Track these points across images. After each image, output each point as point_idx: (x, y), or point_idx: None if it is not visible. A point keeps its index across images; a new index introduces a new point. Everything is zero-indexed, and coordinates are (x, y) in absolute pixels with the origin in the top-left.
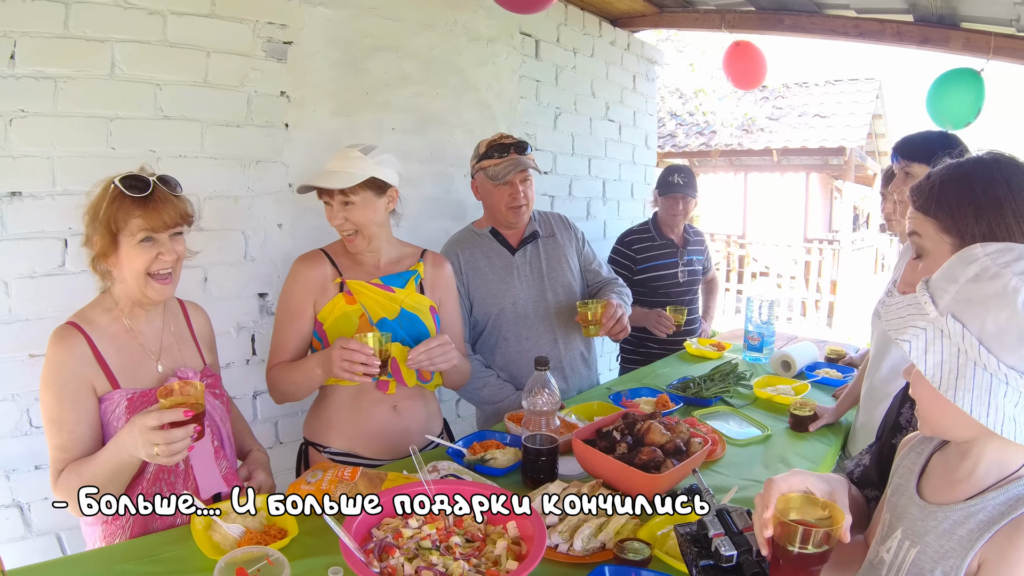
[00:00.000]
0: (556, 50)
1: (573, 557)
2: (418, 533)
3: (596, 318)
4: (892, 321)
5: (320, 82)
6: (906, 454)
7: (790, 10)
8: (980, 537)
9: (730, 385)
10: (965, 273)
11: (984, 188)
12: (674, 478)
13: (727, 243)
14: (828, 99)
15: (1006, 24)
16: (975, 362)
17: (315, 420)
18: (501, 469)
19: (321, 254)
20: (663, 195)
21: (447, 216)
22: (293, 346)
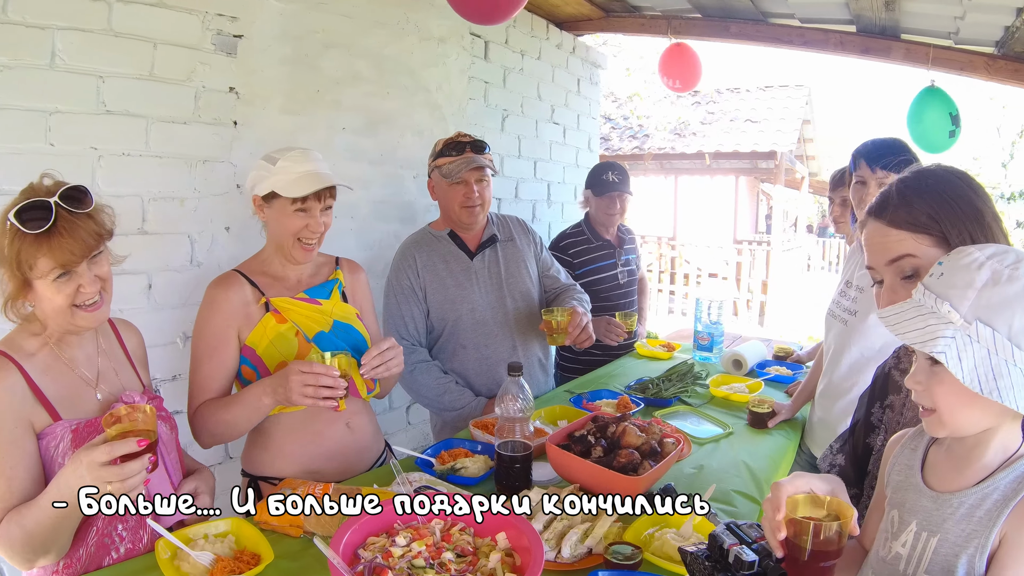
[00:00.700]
0: (505, 52)
1: (562, 565)
2: (408, 551)
3: (562, 327)
4: (912, 333)
5: (271, 78)
6: (900, 452)
7: (736, 18)
8: (1000, 515)
9: (688, 385)
10: (978, 278)
11: (958, 198)
12: (652, 479)
13: (659, 245)
14: (760, 104)
15: (944, 37)
16: (1006, 361)
17: (262, 452)
18: (474, 478)
19: (237, 275)
20: (598, 195)
21: (396, 219)
22: (218, 382)
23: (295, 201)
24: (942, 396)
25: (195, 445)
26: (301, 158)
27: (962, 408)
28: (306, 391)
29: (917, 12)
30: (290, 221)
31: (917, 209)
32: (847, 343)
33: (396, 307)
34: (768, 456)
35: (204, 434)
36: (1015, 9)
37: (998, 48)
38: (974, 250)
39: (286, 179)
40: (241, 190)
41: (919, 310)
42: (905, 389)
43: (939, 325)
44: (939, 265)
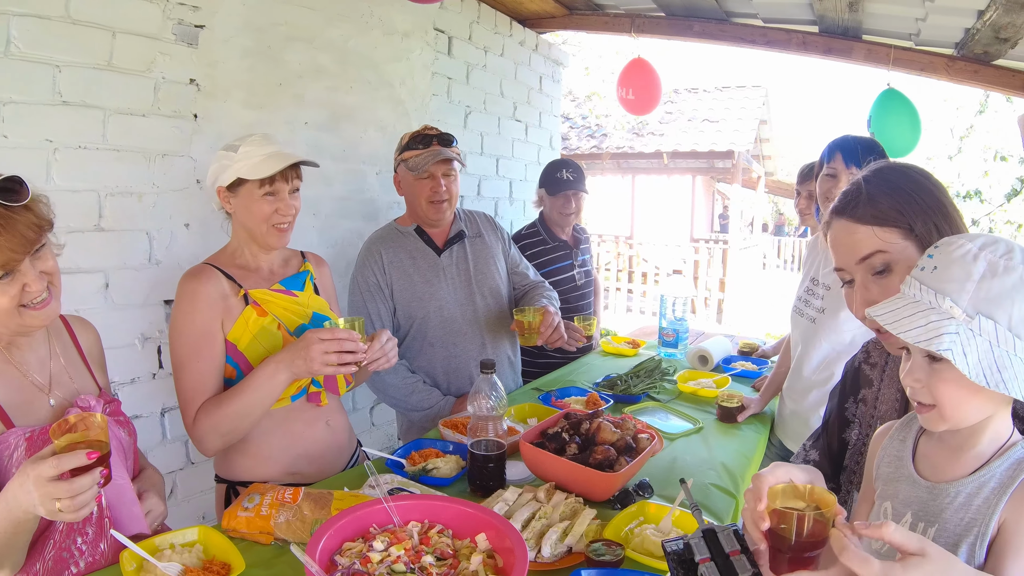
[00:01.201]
0: (468, 48)
1: (542, 564)
2: (387, 556)
3: (534, 327)
4: (914, 331)
5: (232, 71)
6: (888, 444)
7: (699, 17)
8: (999, 502)
9: (656, 381)
10: (975, 269)
11: (921, 191)
12: (629, 475)
13: (616, 244)
14: (718, 105)
15: (905, 38)
16: (1009, 352)
17: (240, 456)
18: (446, 478)
19: (211, 268)
20: (552, 194)
21: (359, 216)
22: (213, 379)
23: (263, 184)
24: (945, 392)
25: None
26: (262, 141)
27: (965, 402)
28: (329, 359)
29: (880, 13)
30: (259, 207)
31: (882, 204)
32: (817, 339)
33: (362, 304)
34: (740, 450)
35: (213, 436)
36: (976, 11)
37: (958, 49)
38: (964, 241)
39: (250, 163)
40: (201, 185)
41: (917, 306)
42: (877, 383)
43: (942, 321)
44: (929, 258)
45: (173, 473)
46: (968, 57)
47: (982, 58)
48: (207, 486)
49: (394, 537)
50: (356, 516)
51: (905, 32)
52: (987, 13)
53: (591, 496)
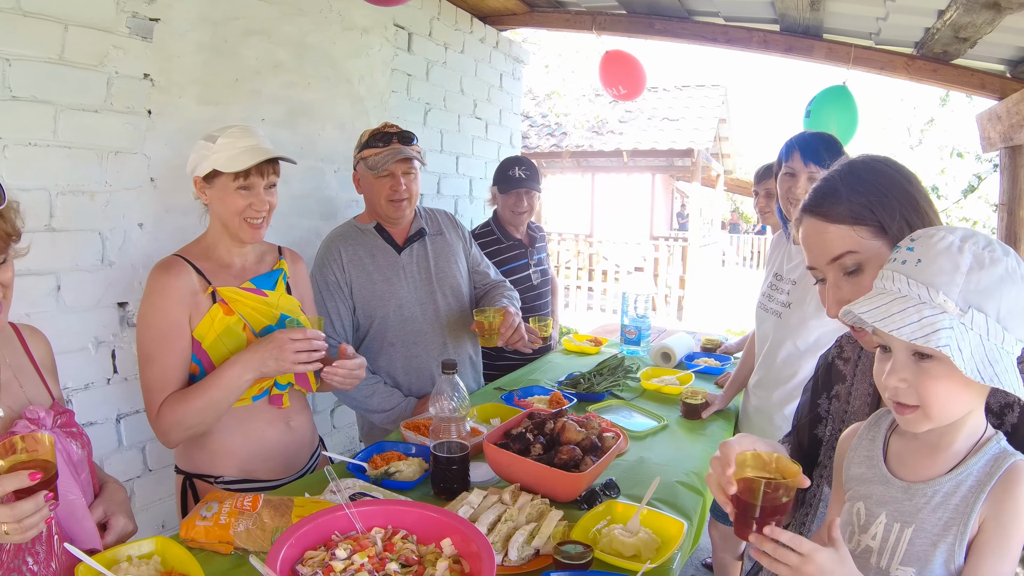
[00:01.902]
0: (428, 44)
1: (510, 568)
2: (351, 565)
3: (494, 327)
4: (908, 327)
5: (187, 66)
6: (857, 444)
7: (661, 15)
8: (976, 500)
9: (619, 379)
10: (962, 261)
11: (892, 185)
12: (595, 475)
13: (576, 242)
14: (677, 103)
15: (866, 37)
16: (997, 345)
17: (198, 450)
18: (409, 482)
19: (181, 260)
20: (504, 192)
21: (317, 215)
22: (178, 374)
23: (237, 177)
24: (933, 390)
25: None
26: (241, 133)
27: (953, 399)
28: (300, 357)
29: (841, 12)
30: (233, 200)
31: (852, 201)
32: (783, 335)
33: (321, 303)
34: (706, 447)
35: (177, 430)
36: (936, 11)
37: (917, 49)
38: (945, 233)
39: (227, 155)
40: (155, 184)
41: (906, 301)
42: (850, 378)
43: (936, 316)
44: (909, 251)
45: (131, 481)
46: (928, 56)
47: (941, 57)
48: (166, 493)
49: (357, 544)
50: (317, 523)
51: (866, 31)
52: (947, 13)
53: (557, 497)
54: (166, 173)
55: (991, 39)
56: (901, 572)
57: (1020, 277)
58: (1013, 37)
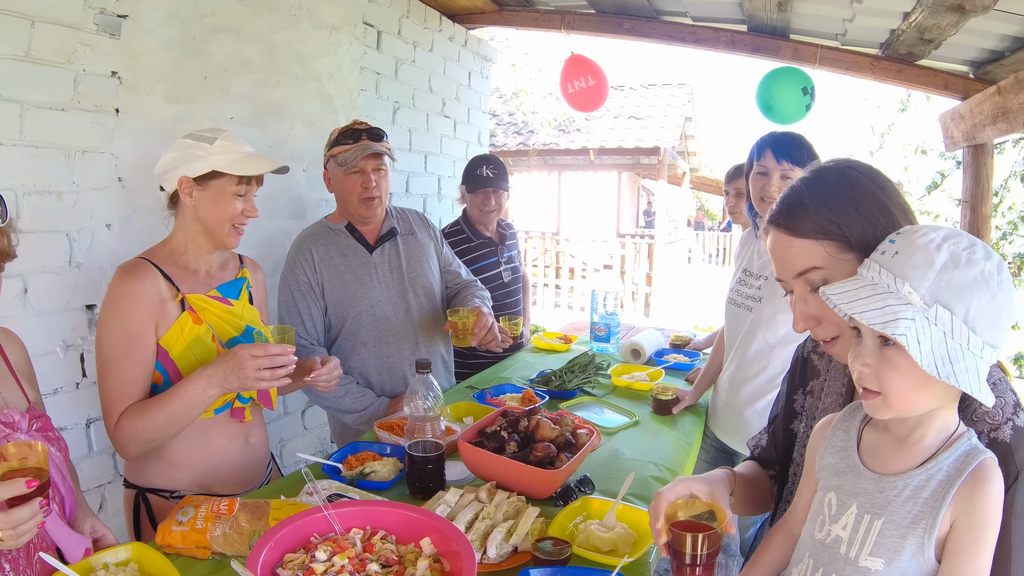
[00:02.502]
0: (397, 42)
1: (489, 566)
2: (331, 566)
3: (468, 328)
4: (871, 312)
5: (156, 63)
6: (832, 434)
7: (629, 15)
8: (946, 495)
9: (590, 376)
10: (937, 258)
11: (861, 196)
12: (570, 471)
13: (543, 240)
14: (644, 102)
15: (832, 38)
16: (962, 345)
17: (153, 461)
18: (385, 482)
19: (148, 264)
20: (472, 191)
21: (286, 214)
22: (140, 384)
23: (240, 182)
24: (893, 379)
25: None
26: (237, 138)
27: (912, 391)
28: (262, 375)
29: (807, 13)
30: (229, 203)
31: (819, 214)
32: (753, 330)
33: (293, 304)
34: (677, 442)
35: (136, 443)
36: (902, 13)
37: (882, 50)
38: (928, 230)
39: (230, 158)
40: (123, 184)
41: (875, 288)
42: (823, 373)
43: (899, 306)
44: (891, 243)
45: (101, 487)
46: (892, 57)
47: (906, 58)
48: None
49: (337, 546)
50: (296, 526)
51: (832, 32)
52: (912, 15)
53: (533, 494)
54: (134, 173)
55: (955, 41)
56: (870, 562)
57: (997, 283)
58: (977, 39)
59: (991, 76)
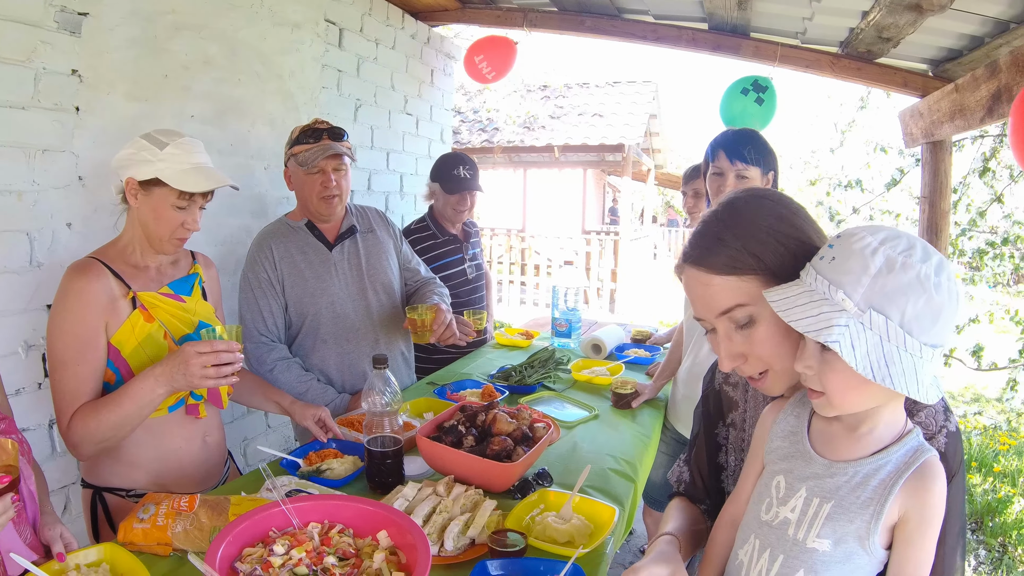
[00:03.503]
0: (360, 40)
1: (446, 558)
2: (288, 560)
3: (427, 324)
4: (806, 320)
5: (117, 61)
6: (782, 419)
7: (591, 12)
8: (895, 485)
9: (550, 371)
10: (872, 264)
11: (777, 224)
12: (527, 465)
13: (508, 237)
14: (608, 99)
15: (792, 36)
16: (898, 347)
17: (111, 462)
18: (338, 480)
19: (98, 263)
20: (449, 192)
21: (247, 212)
22: (92, 383)
23: (181, 196)
24: (833, 381)
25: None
26: (191, 147)
27: (852, 391)
28: (208, 372)
29: (767, 12)
30: (169, 215)
31: (736, 248)
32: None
33: (253, 301)
34: (636, 435)
35: (88, 444)
36: (860, 12)
37: (842, 48)
38: (866, 234)
39: (176, 168)
40: (84, 182)
41: (811, 295)
42: (742, 404)
43: (833, 313)
44: (829, 248)
45: (65, 488)
46: (852, 55)
47: (865, 56)
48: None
49: (294, 540)
50: (254, 521)
51: (792, 31)
52: (871, 14)
53: (491, 487)
54: (95, 171)
55: (913, 39)
56: (817, 544)
57: (934, 285)
58: (935, 38)
59: (949, 74)
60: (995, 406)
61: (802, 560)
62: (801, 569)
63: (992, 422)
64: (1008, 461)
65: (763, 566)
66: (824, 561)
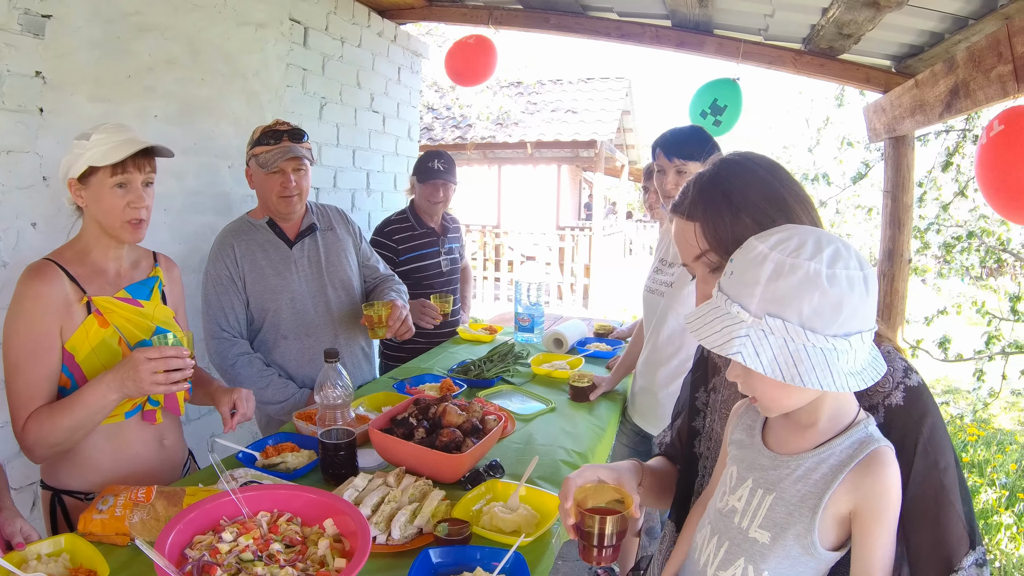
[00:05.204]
0: (324, 39)
1: (393, 547)
2: (236, 546)
3: (382, 320)
4: (711, 337)
5: (80, 63)
6: (744, 413)
7: (556, 10)
8: (835, 478)
9: (509, 365)
10: (762, 273)
11: (756, 184)
12: (476, 456)
13: (483, 233)
14: (581, 96)
15: (755, 33)
16: (805, 345)
17: (70, 465)
18: (288, 473)
19: (53, 266)
20: (422, 182)
21: (212, 211)
22: (46, 387)
23: (115, 172)
24: (758, 388)
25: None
26: (116, 129)
27: (777, 394)
28: (157, 378)
29: (729, 9)
30: (111, 198)
31: (713, 199)
32: (665, 314)
33: (215, 298)
34: (591, 427)
35: (41, 447)
36: (820, 8)
37: (805, 44)
38: (758, 243)
39: (103, 149)
40: (48, 183)
41: (716, 312)
42: (722, 369)
43: (733, 326)
44: (731, 263)
45: (33, 485)
46: (814, 52)
47: (828, 53)
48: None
49: (243, 528)
50: (205, 509)
51: (755, 27)
52: (830, 10)
53: (440, 478)
54: (58, 172)
55: (874, 35)
56: (758, 534)
57: (827, 278)
58: (897, 34)
59: (911, 70)
60: (965, 397)
61: (744, 549)
62: (742, 557)
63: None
64: (976, 452)
65: (711, 551)
66: (763, 553)
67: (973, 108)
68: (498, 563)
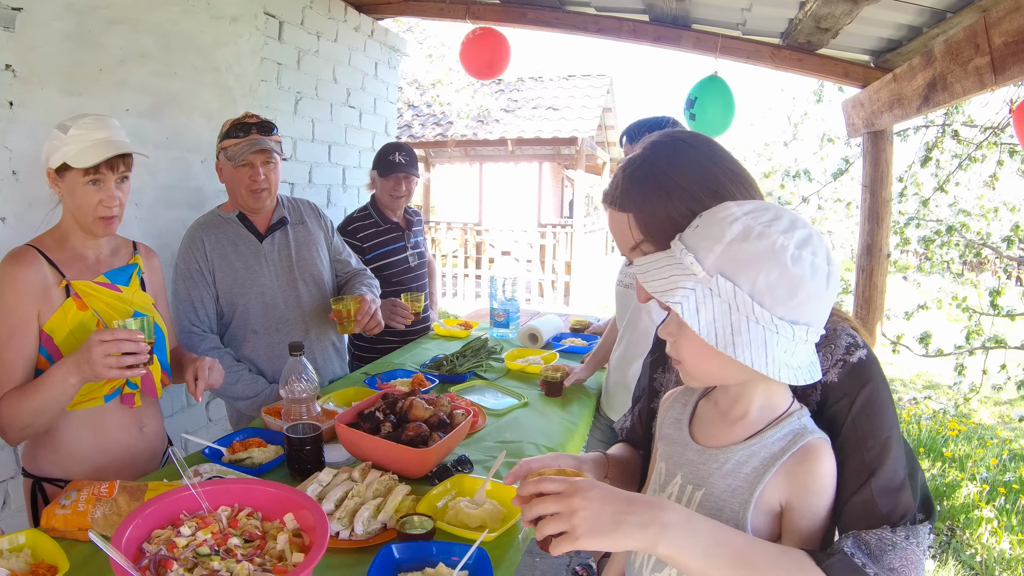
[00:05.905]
0: (300, 33)
1: (356, 542)
2: (193, 540)
3: (351, 315)
4: (657, 282)
5: (51, 56)
6: (670, 406)
7: (533, 4)
8: (767, 471)
9: (482, 360)
10: (729, 232)
11: (685, 166)
12: (443, 451)
13: (464, 231)
14: (562, 93)
15: (732, 27)
16: (747, 317)
17: (49, 452)
18: (254, 468)
19: (33, 251)
20: (384, 176)
21: (184, 205)
22: (22, 370)
23: (87, 172)
24: (686, 348)
25: None
26: (95, 125)
27: (704, 360)
28: (109, 361)
29: (706, 3)
30: (84, 195)
31: (643, 188)
32: (639, 310)
33: (185, 292)
34: (563, 421)
35: (13, 430)
36: (798, 2)
37: (783, 39)
38: (733, 206)
39: (77, 148)
40: (18, 177)
41: (668, 260)
42: None
43: (681, 276)
44: (699, 217)
45: (5, 482)
46: (792, 46)
47: (806, 47)
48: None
49: (202, 522)
50: (165, 504)
51: (732, 22)
52: (808, 4)
53: (407, 473)
54: (29, 166)
55: (852, 30)
56: None
57: (792, 257)
58: (875, 28)
59: (889, 64)
60: (946, 393)
61: None
62: None
63: (941, 407)
64: (957, 446)
65: (645, 553)
66: None
67: (950, 101)
68: (460, 559)
